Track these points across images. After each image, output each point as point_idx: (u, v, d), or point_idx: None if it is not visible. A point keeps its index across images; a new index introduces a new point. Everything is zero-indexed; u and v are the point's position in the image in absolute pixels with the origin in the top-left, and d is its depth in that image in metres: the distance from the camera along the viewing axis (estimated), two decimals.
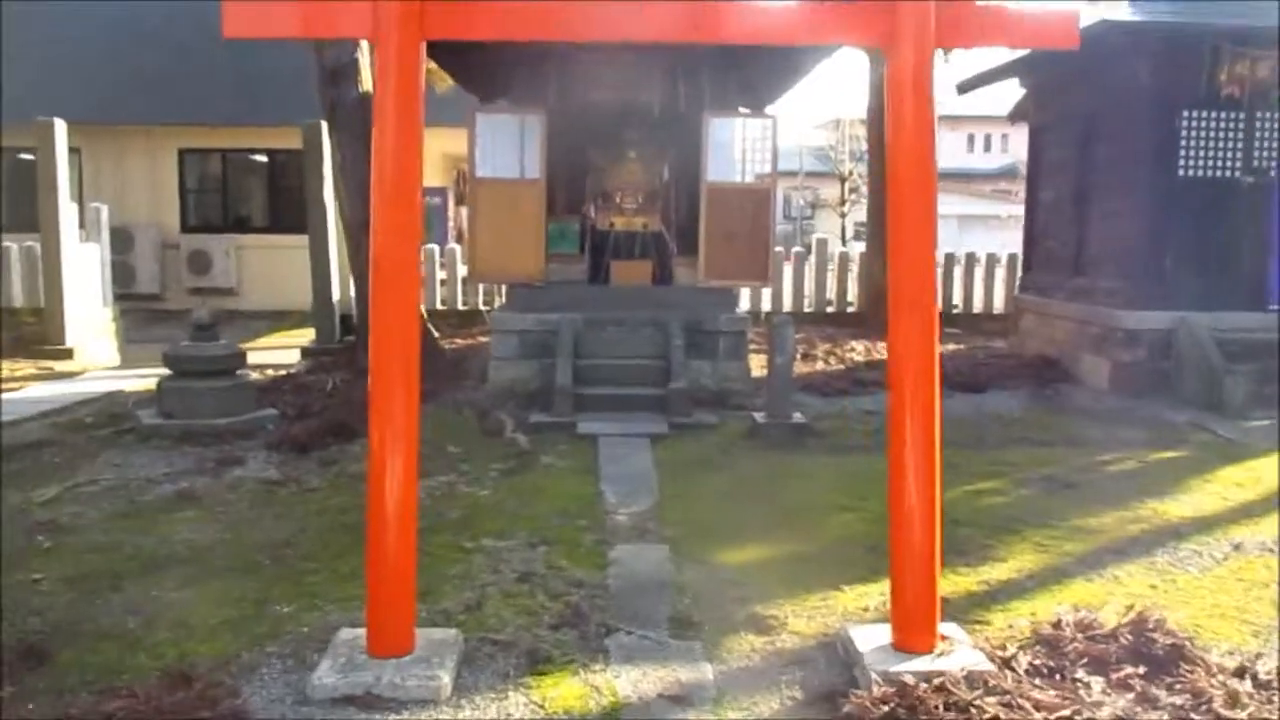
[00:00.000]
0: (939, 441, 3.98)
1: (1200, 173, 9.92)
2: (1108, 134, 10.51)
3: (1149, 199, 9.95)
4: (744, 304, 11.73)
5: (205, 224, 19.05)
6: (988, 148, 54.79)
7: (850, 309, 15.37)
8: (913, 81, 3.70)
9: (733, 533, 5.81)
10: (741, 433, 8.37)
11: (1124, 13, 9.53)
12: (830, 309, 15.45)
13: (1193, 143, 9.88)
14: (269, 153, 18.80)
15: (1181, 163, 9.93)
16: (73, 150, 18.53)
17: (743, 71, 10.07)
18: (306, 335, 13.77)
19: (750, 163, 9.84)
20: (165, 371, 8.71)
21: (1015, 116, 13.27)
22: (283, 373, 11.32)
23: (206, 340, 8.67)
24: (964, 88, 13.01)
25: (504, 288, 10.46)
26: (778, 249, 12.60)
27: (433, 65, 13.15)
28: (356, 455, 7.60)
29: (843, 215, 23.22)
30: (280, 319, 17.28)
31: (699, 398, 9.20)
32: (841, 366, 11.67)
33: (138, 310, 18.14)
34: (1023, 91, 12.93)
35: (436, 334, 13.40)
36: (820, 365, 11.62)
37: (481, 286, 14.54)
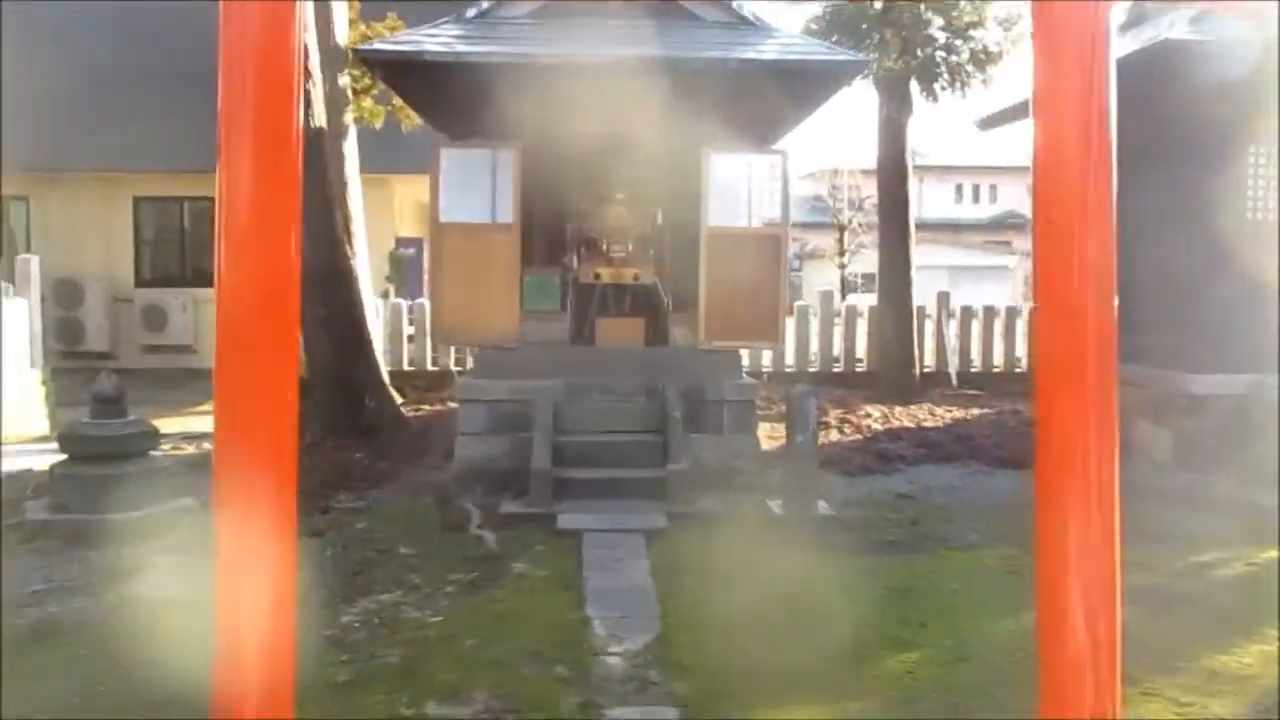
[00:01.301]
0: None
1: (1274, 215, 8.64)
2: (1164, 171, 9.23)
3: (1215, 245, 8.65)
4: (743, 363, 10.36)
5: (162, 276, 17.75)
6: (976, 198, 54.14)
7: (860, 368, 14.02)
8: (1091, 38, 2.32)
9: (765, 684, 4.35)
10: (756, 527, 6.94)
11: (1184, 30, 8.29)
12: (837, 368, 14.09)
13: (1263, 181, 8.62)
14: None
15: (1251, 204, 8.66)
16: (19, 199, 17.69)
17: (748, 102, 8.79)
18: None
19: (758, 205, 8.52)
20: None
21: None
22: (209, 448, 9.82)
23: (110, 416, 7.21)
24: (984, 125, 11.80)
25: (474, 351, 9.05)
26: None
27: (398, 103, 11.88)
28: None
29: (842, 267, 22.01)
30: None
31: (702, 479, 7.78)
32: (859, 437, 10.27)
33: (86, 369, 16.70)
34: None
35: (401, 399, 11.97)
36: (836, 435, 10.22)
37: (453, 347, 13.13)
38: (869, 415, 11.26)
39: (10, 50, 16.17)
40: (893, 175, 12.46)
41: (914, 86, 12.10)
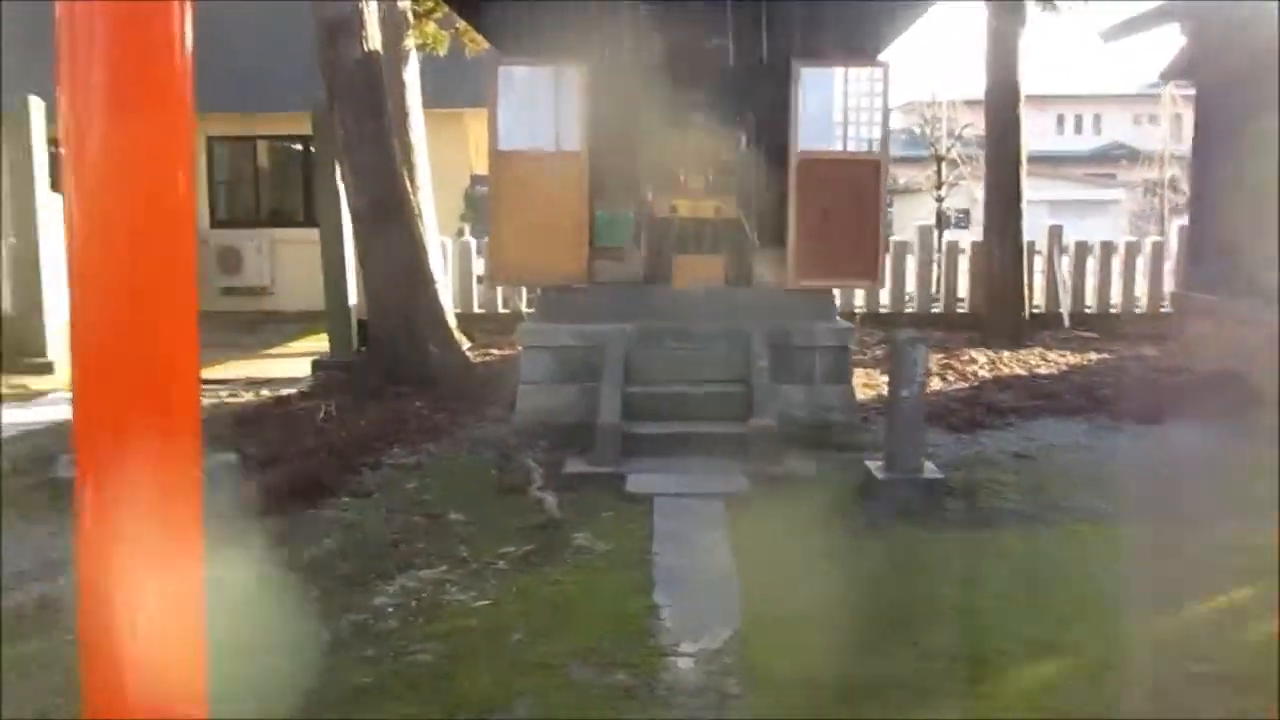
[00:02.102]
0: None
1: None
2: None
3: None
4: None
5: (236, 218, 17.49)
6: (1079, 129, 51.50)
7: (961, 309, 12.91)
8: None
9: (871, 700, 3.53)
10: (853, 492, 6.08)
11: None
12: (936, 308, 13.02)
13: None
14: (307, 140, 17.06)
15: None
16: None
17: (842, 5, 7.77)
18: None
19: (855, 126, 7.53)
20: None
21: (1172, 74, 10.71)
22: (276, 395, 9.31)
23: None
24: (1110, 35, 10.50)
25: (537, 292, 8.28)
26: None
27: (463, 27, 11.05)
28: (318, 529, 5.51)
29: (939, 200, 20.62)
30: (317, 321, 15.49)
31: (790, 435, 6.94)
32: (964, 385, 9.29)
33: None
34: (1182, 41, 10.38)
35: (468, 344, 11.33)
36: (938, 384, 9.24)
37: (522, 288, 12.39)
38: (974, 361, 10.25)
39: None
40: (1002, 97, 11.23)
41: None
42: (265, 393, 9.61)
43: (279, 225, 17.25)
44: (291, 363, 11.21)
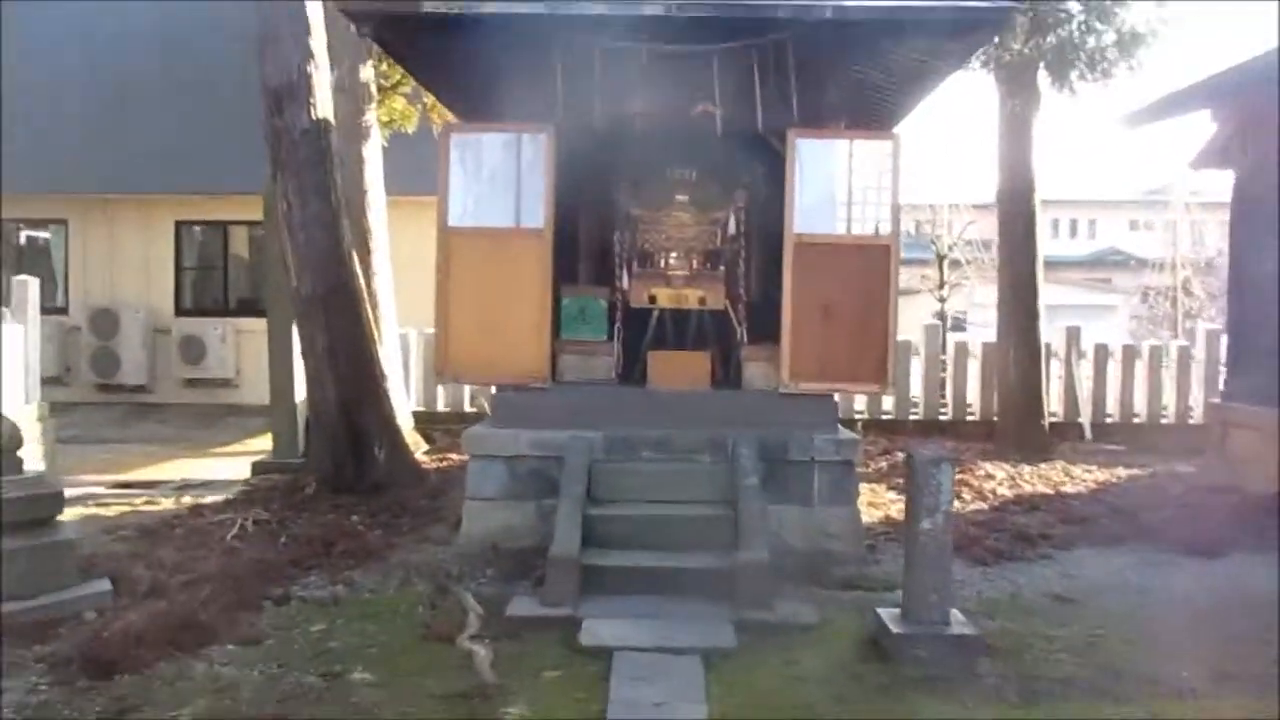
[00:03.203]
0: None
1: None
2: None
3: None
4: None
5: (202, 306, 16.52)
6: (1074, 233, 51.33)
7: (971, 416, 11.80)
8: None
9: None
10: (863, 648, 4.88)
11: None
12: (944, 414, 11.91)
13: None
14: None
15: None
16: (59, 222, 16.69)
17: (848, 72, 6.85)
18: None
19: (861, 206, 6.53)
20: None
21: (1204, 162, 9.82)
22: (195, 503, 8.11)
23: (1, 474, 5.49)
24: (1133, 121, 9.65)
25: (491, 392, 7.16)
26: None
27: (431, 101, 10.18)
28: (176, 693, 4.28)
29: (942, 300, 19.72)
30: None
31: (784, 567, 5.75)
32: (984, 505, 8.12)
33: (120, 404, 15.61)
34: (1212, 127, 9.53)
35: (425, 447, 10.17)
36: (954, 504, 8.05)
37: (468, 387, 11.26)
38: (991, 477, 9.10)
39: (47, 70, 15.23)
40: (1016, 189, 10.34)
41: (1043, 75, 10.00)
42: (187, 499, 8.41)
43: (246, 314, 16.25)
44: (240, 462, 10.09)
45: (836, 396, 6.78)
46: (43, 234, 17.04)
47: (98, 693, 4.27)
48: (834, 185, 6.54)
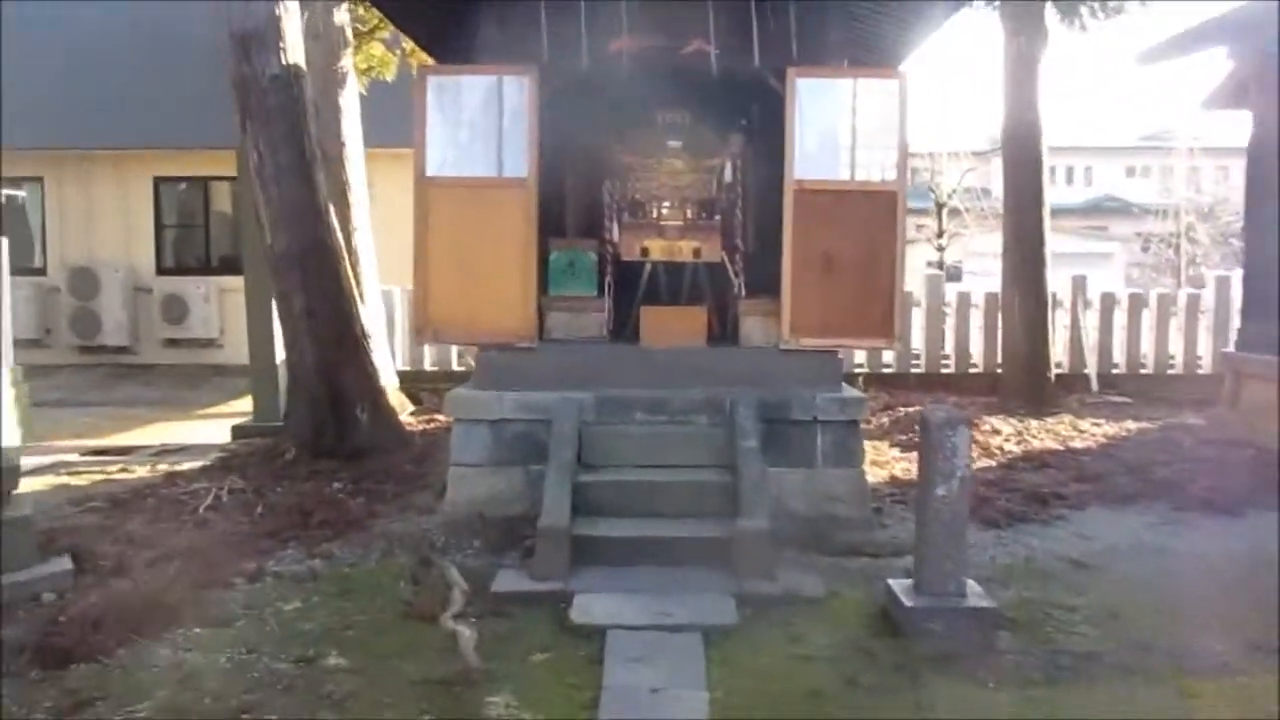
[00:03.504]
0: None
1: None
2: None
3: None
4: None
5: (183, 264, 16.10)
6: (1070, 180, 50.80)
7: (974, 369, 11.47)
8: None
9: None
10: (873, 622, 4.58)
11: None
12: (946, 367, 11.58)
13: None
14: None
15: None
16: (34, 179, 16.18)
17: (848, 9, 6.42)
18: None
19: (866, 150, 6.13)
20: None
21: (1219, 101, 9.40)
22: (170, 470, 7.77)
23: None
24: (1147, 58, 9.21)
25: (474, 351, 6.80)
26: None
27: (410, 46, 9.70)
28: (135, 683, 3.97)
29: (940, 249, 19.30)
30: None
31: (786, 533, 5.45)
32: (991, 463, 7.80)
33: (102, 366, 15.27)
34: (1228, 65, 9.11)
35: (412, 409, 9.82)
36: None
37: (454, 347, 10.88)
38: (998, 432, 8.78)
39: (22, 24, 14.61)
40: (1022, 133, 9.91)
41: (1051, 12, 9.56)
42: (163, 466, 8.07)
43: (229, 273, 15.81)
44: (224, 425, 9.75)
45: (840, 352, 6.42)
46: (18, 192, 16.56)
47: (50, 685, 3.96)
48: (836, 128, 6.13)
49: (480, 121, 6.14)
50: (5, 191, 16.53)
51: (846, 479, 6.04)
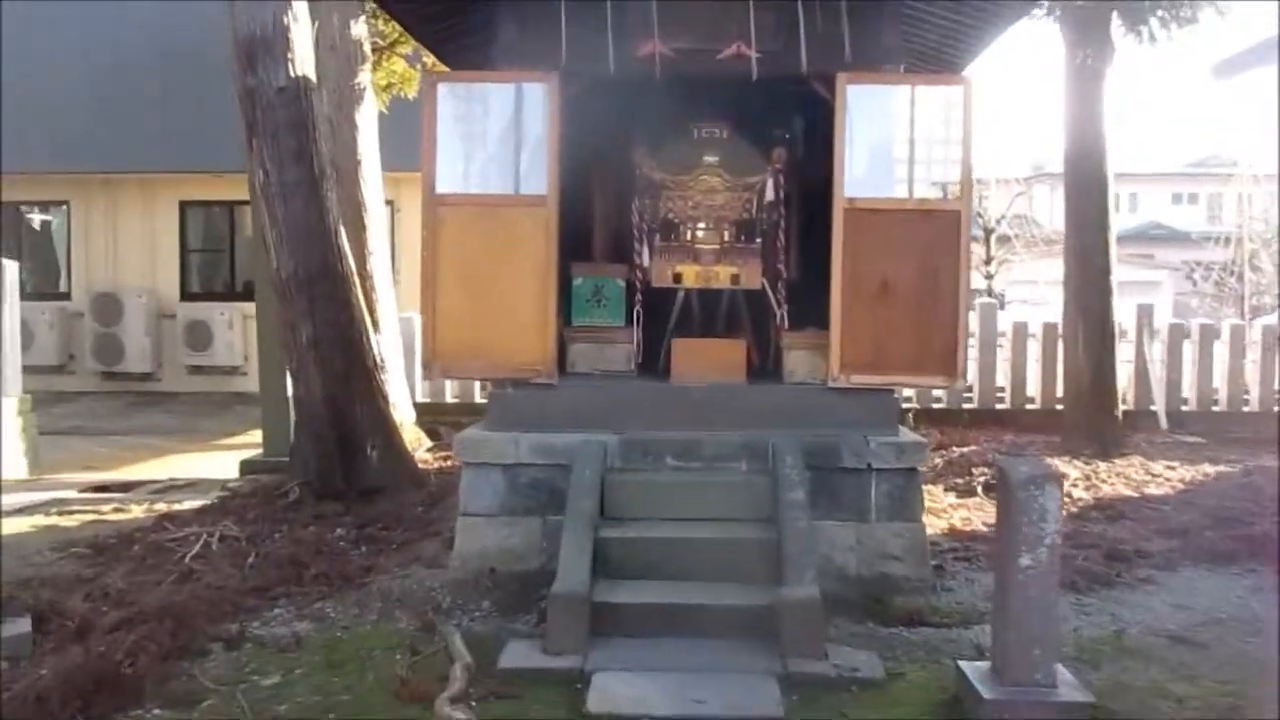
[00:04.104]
0: None
1: None
2: None
3: None
4: None
5: (208, 290, 15.81)
6: (1116, 208, 49.68)
7: (1030, 404, 10.71)
8: None
9: None
10: (942, 711, 3.88)
11: None
12: (1001, 403, 10.82)
13: None
14: None
15: None
16: (60, 204, 15.98)
17: (906, 8, 5.78)
18: None
19: (925, 165, 5.48)
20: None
21: None
22: (167, 510, 7.22)
23: None
24: (1222, 71, 8.45)
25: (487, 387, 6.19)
26: None
27: (432, 62, 9.19)
28: None
29: (989, 277, 18.54)
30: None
31: (835, 596, 4.77)
32: (1063, 513, 7.03)
33: (124, 393, 14.93)
34: None
35: (429, 444, 9.25)
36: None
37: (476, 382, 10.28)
38: (1064, 476, 8.00)
39: (47, 46, 14.38)
40: (1086, 148, 9.20)
41: (1117, 23, 8.87)
42: (161, 506, 7.53)
43: (253, 298, 15.49)
44: (240, 456, 9.28)
45: (896, 391, 5.73)
46: (45, 216, 16.36)
47: None
48: (892, 140, 5.50)
49: (495, 133, 5.58)
50: (36, 216, 16.34)
51: (904, 534, 5.34)
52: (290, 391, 8.37)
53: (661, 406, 5.58)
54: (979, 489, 7.71)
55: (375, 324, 8.41)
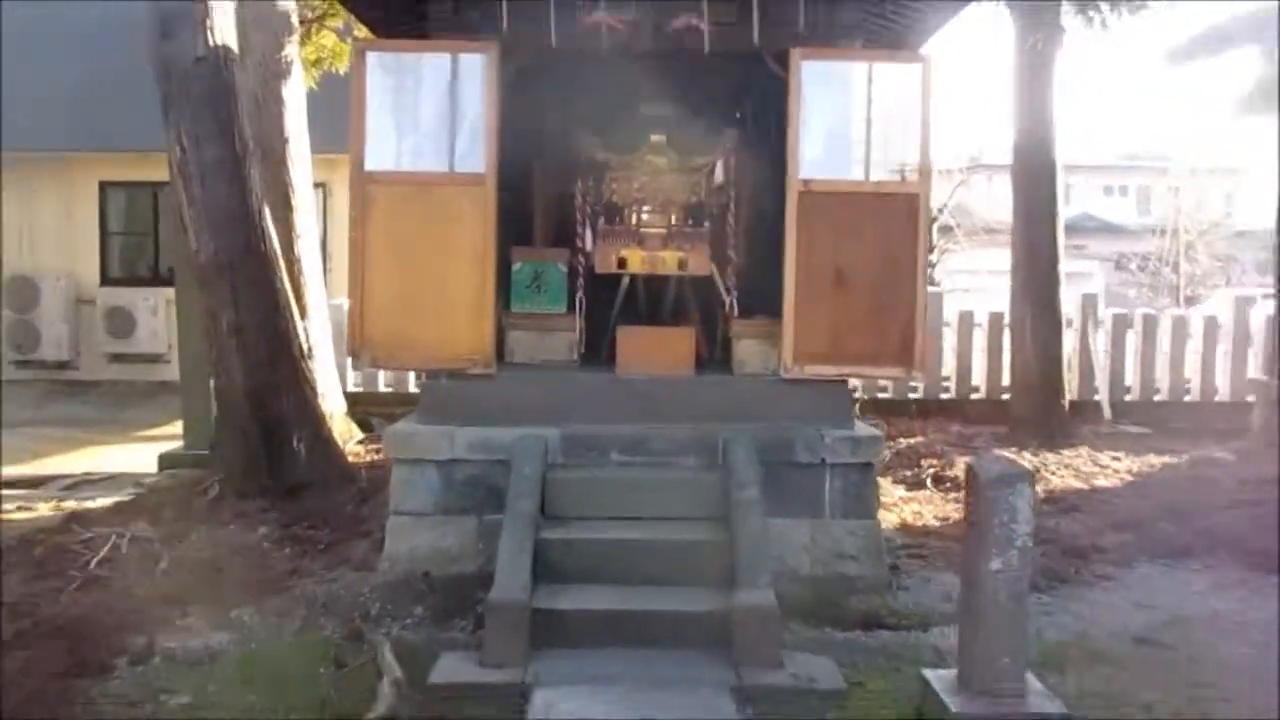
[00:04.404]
0: None
1: None
2: None
3: None
4: None
5: (130, 274, 15.08)
6: (1066, 198, 50.41)
7: (975, 394, 10.61)
8: None
9: None
10: None
11: None
12: (946, 392, 10.69)
13: None
14: None
15: None
16: None
17: None
18: None
19: (883, 146, 5.24)
20: None
21: (1253, 106, 8.62)
22: (73, 510, 6.74)
23: None
24: (1178, 57, 8.45)
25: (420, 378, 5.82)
26: None
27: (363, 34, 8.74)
28: None
29: (930, 266, 18.49)
30: None
31: (789, 598, 4.51)
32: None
33: (39, 381, 14.23)
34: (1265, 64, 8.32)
35: (362, 436, 8.85)
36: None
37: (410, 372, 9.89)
38: None
39: None
40: (1036, 136, 9.07)
41: (1067, 7, 8.75)
42: (70, 504, 7.05)
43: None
44: (162, 449, 8.79)
45: (850, 382, 5.50)
46: None
47: None
48: (849, 120, 5.25)
49: (430, 107, 5.21)
50: None
51: (860, 532, 5.12)
52: (212, 382, 7.93)
53: (606, 399, 5.29)
54: (928, 481, 7.54)
55: (304, 310, 7.99)
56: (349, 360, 10.00)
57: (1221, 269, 21.51)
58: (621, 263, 5.77)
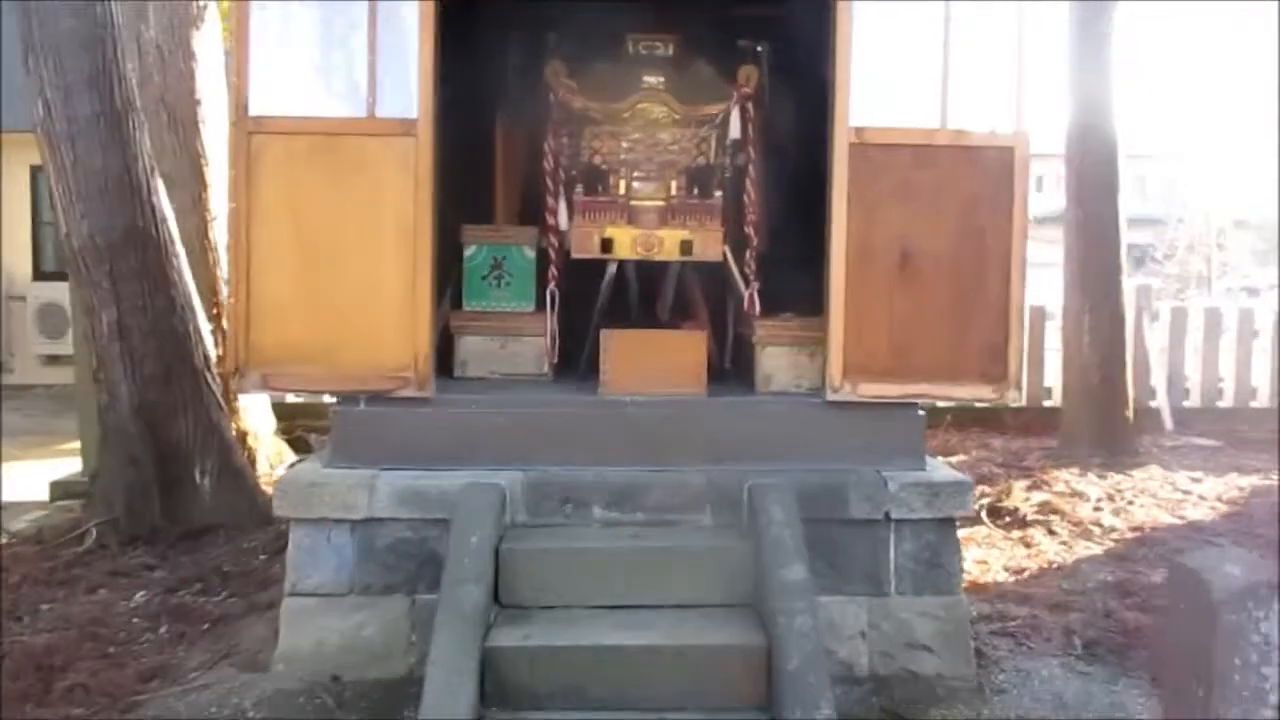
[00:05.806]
0: None
1: None
2: None
3: None
4: None
5: (66, 268, 13.66)
6: (1039, 188, 49.50)
7: (1015, 401, 9.18)
8: None
9: None
10: None
11: None
12: (981, 401, 9.31)
13: None
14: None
15: None
16: None
17: None
18: None
19: (962, 85, 3.83)
20: None
21: None
22: None
23: None
24: None
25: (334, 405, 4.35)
26: None
27: None
28: None
29: None
30: None
31: (842, 711, 3.11)
32: (1097, 549, 5.52)
33: None
34: None
35: (294, 460, 7.41)
36: (1053, 547, 5.51)
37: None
38: (1080, 495, 6.53)
39: None
40: (1093, 118, 7.79)
41: None
42: None
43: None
44: (38, 469, 7.40)
45: (921, 405, 4.08)
46: None
47: None
48: (916, 48, 3.82)
49: (340, 31, 3.76)
50: None
51: (938, 613, 3.71)
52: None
53: (587, 429, 3.85)
54: (984, 515, 6.16)
55: (218, 308, 6.55)
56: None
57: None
58: (606, 245, 4.32)
